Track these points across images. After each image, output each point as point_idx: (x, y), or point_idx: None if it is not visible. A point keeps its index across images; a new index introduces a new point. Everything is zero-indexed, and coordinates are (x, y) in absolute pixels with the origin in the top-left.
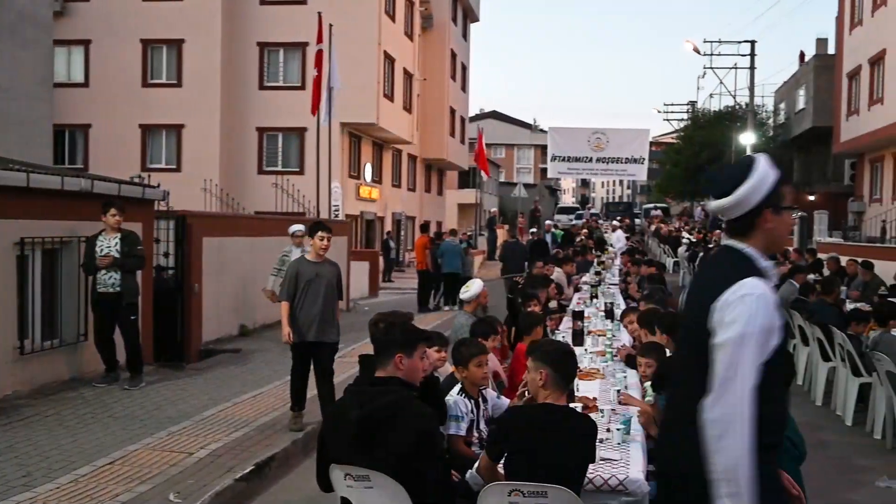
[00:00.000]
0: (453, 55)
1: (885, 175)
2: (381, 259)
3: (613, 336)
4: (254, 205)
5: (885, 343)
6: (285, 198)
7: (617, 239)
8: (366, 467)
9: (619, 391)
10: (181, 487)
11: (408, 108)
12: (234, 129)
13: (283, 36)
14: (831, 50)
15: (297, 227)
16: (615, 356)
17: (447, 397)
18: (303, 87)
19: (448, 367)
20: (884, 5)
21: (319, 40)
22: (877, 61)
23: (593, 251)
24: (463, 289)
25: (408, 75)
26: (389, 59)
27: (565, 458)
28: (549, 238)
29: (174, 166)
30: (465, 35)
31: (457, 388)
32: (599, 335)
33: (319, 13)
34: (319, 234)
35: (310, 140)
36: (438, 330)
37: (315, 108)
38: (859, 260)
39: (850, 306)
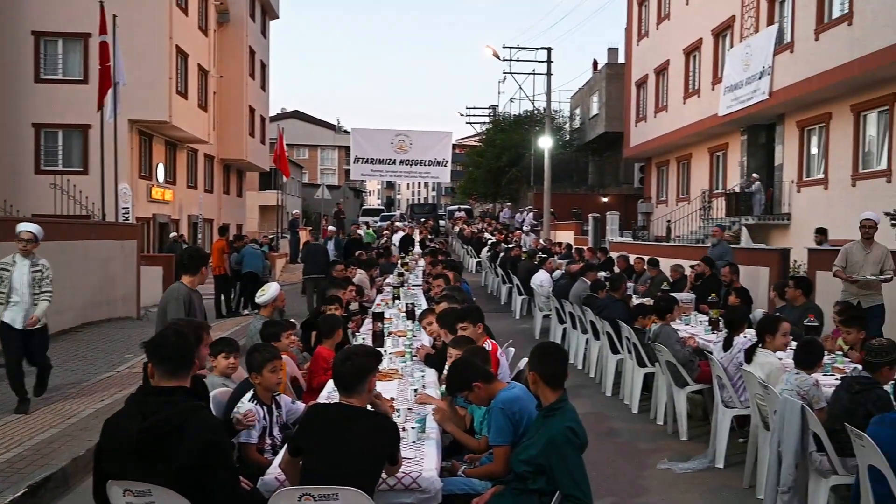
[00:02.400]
0: (252, 52)
1: (670, 178)
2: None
3: (414, 336)
4: (30, 207)
5: (664, 335)
6: (66, 199)
7: (399, 239)
8: (147, 481)
9: (415, 390)
10: None
11: (203, 106)
12: (6, 125)
13: (62, 25)
14: (622, 59)
15: (26, 228)
16: (414, 356)
17: (238, 405)
18: (85, 82)
19: (242, 373)
20: (667, 18)
21: (102, 31)
22: (661, 71)
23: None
24: (259, 293)
25: (203, 72)
26: (182, 55)
27: (362, 458)
28: (331, 245)
29: None
30: (263, 32)
31: (248, 394)
32: (400, 336)
33: (101, 2)
34: (205, 269)
35: (94, 138)
36: (237, 336)
37: (100, 104)
38: (646, 258)
39: (636, 301)
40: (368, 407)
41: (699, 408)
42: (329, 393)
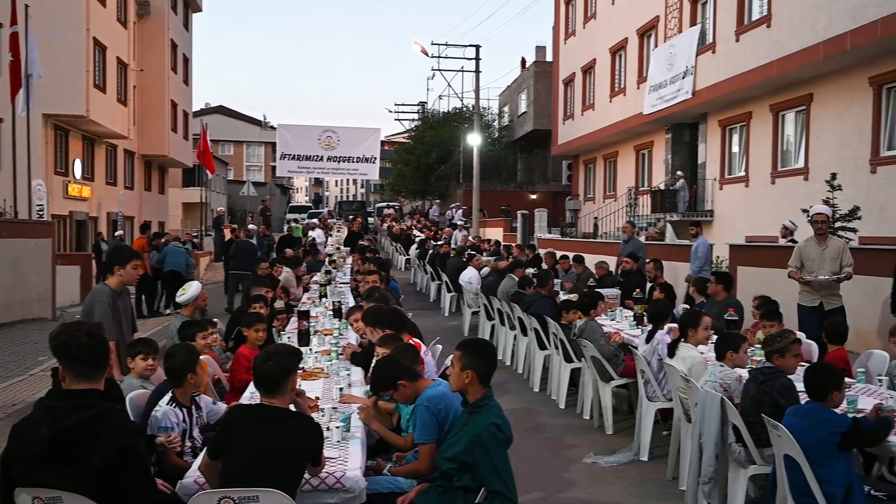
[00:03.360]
0: (174, 46)
1: (597, 175)
2: (94, 263)
3: (340, 335)
4: None
5: (588, 330)
6: None
7: (317, 236)
8: (58, 488)
9: (341, 389)
10: None
11: (123, 100)
12: None
13: None
14: (549, 57)
15: None
16: (340, 354)
17: (155, 410)
18: None
19: (161, 374)
20: (594, 18)
21: (13, 22)
22: (588, 69)
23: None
24: (179, 292)
25: (122, 65)
26: (100, 47)
27: (283, 460)
28: (254, 241)
29: None
30: (186, 25)
31: (166, 398)
32: (326, 334)
33: None
34: (134, 262)
35: (6, 132)
36: (158, 336)
37: (13, 97)
38: (570, 255)
39: (563, 297)
40: (292, 407)
41: (624, 402)
42: (252, 393)
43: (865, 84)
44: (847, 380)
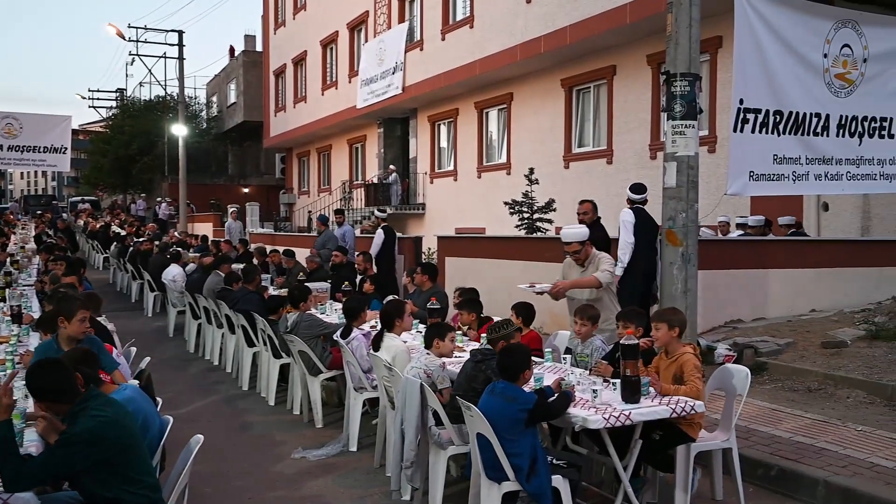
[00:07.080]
0: None
1: (312, 169)
2: None
3: (19, 341)
4: None
5: (310, 323)
6: None
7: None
8: None
9: (16, 401)
10: None
11: None
12: None
13: None
14: (260, 47)
15: None
16: (18, 363)
17: None
18: None
19: None
20: (304, 9)
21: None
22: (299, 61)
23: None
24: None
25: None
26: None
27: None
28: None
29: None
30: None
31: None
32: (2, 342)
33: None
34: None
35: None
36: None
37: None
38: (281, 249)
39: (273, 292)
40: None
41: (334, 394)
42: None
43: (558, 85)
44: (536, 359)
